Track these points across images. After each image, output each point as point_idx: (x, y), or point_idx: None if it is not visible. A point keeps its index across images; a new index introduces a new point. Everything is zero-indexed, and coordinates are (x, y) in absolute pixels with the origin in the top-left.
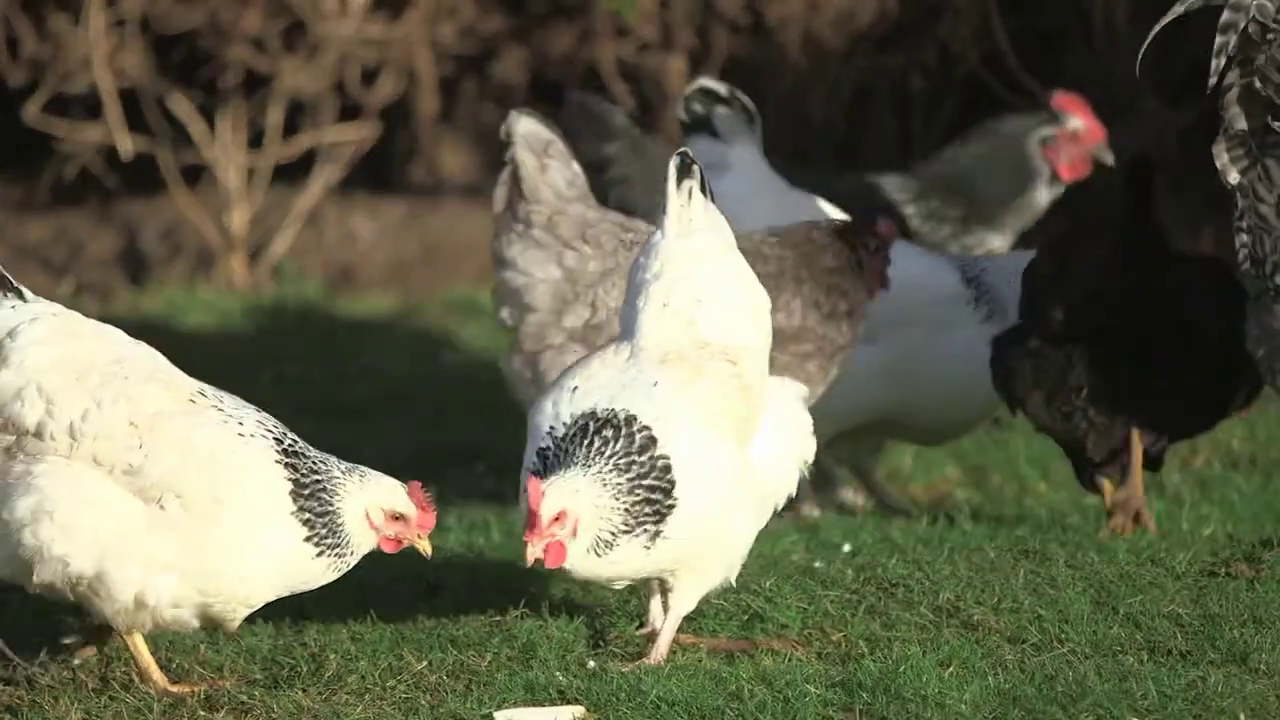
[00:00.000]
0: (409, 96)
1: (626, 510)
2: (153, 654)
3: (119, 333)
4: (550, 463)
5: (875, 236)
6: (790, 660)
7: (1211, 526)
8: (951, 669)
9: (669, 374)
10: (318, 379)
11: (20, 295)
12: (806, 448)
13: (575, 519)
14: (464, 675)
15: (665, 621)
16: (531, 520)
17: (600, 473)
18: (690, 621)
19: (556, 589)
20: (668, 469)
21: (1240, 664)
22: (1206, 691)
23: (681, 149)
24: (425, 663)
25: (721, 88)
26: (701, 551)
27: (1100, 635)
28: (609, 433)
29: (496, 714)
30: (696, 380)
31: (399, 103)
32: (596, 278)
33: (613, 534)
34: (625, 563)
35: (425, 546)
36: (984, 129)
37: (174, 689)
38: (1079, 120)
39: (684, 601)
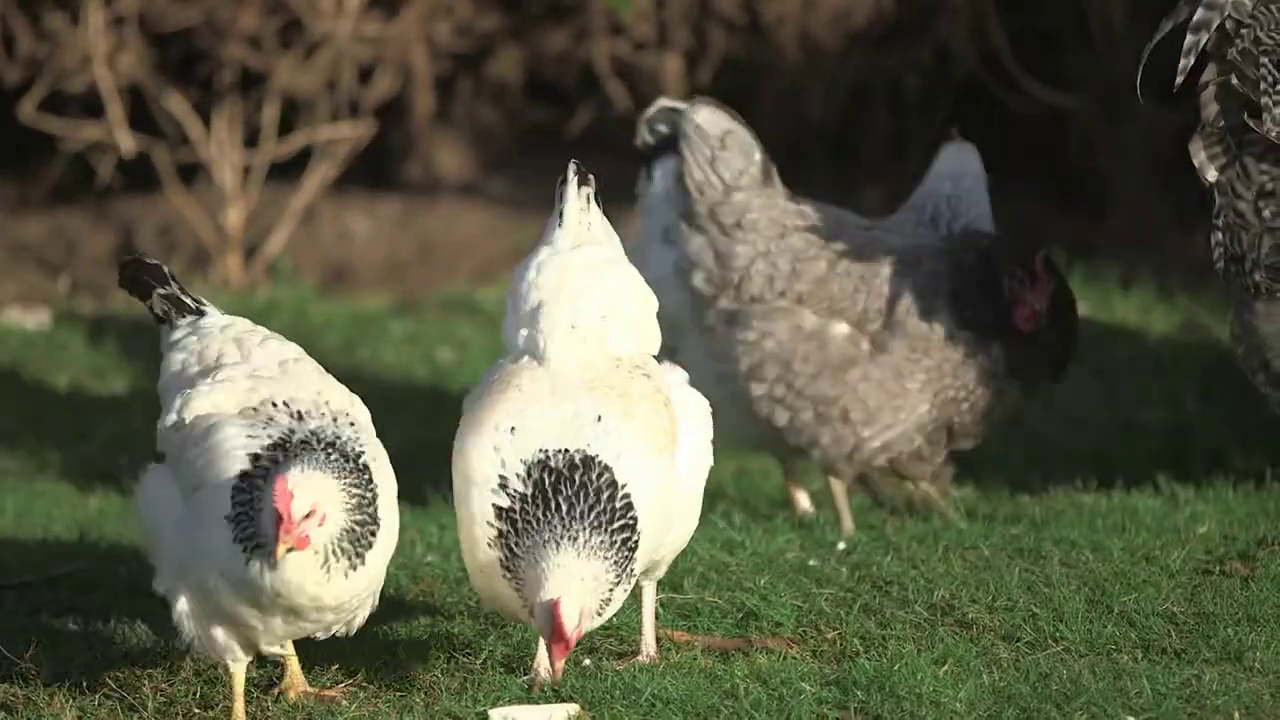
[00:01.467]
0: (405, 95)
1: (616, 567)
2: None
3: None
4: (519, 525)
5: (1024, 270)
6: (785, 658)
7: (1206, 525)
8: (946, 667)
9: (606, 406)
10: None
11: (201, 311)
12: (709, 429)
13: (582, 611)
14: (458, 674)
15: (644, 618)
16: (559, 638)
17: (589, 545)
18: (685, 620)
19: None
20: (631, 507)
21: (1235, 662)
22: (1201, 690)
23: (573, 159)
24: (420, 662)
25: (680, 104)
26: (661, 562)
27: (1095, 634)
28: (577, 488)
29: (491, 712)
30: (634, 410)
31: (395, 101)
32: (747, 263)
33: (609, 592)
34: (616, 605)
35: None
36: None
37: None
38: None
39: (650, 599)
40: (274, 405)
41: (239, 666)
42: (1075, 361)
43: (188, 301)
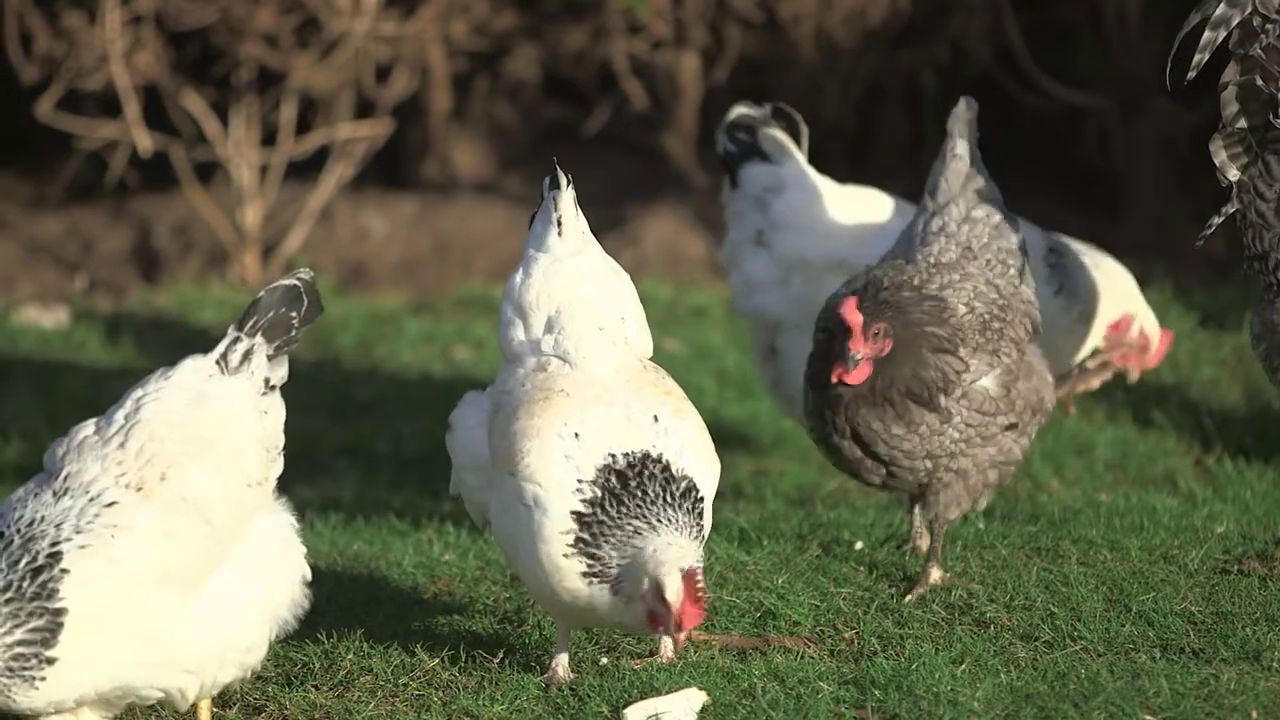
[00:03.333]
0: (421, 93)
1: (699, 552)
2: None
3: None
4: (597, 528)
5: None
6: (803, 658)
7: (1224, 524)
8: (964, 666)
9: (657, 405)
10: (329, 376)
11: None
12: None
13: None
14: (476, 672)
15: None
16: (695, 602)
17: (682, 525)
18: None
19: None
20: (700, 498)
21: (1253, 662)
22: (1219, 689)
23: (555, 159)
24: (437, 660)
25: (756, 110)
26: None
27: (1113, 633)
28: (649, 480)
29: (626, 712)
30: (683, 408)
31: (411, 100)
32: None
33: None
34: None
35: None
36: None
37: None
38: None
39: None
40: None
41: None
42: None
43: None
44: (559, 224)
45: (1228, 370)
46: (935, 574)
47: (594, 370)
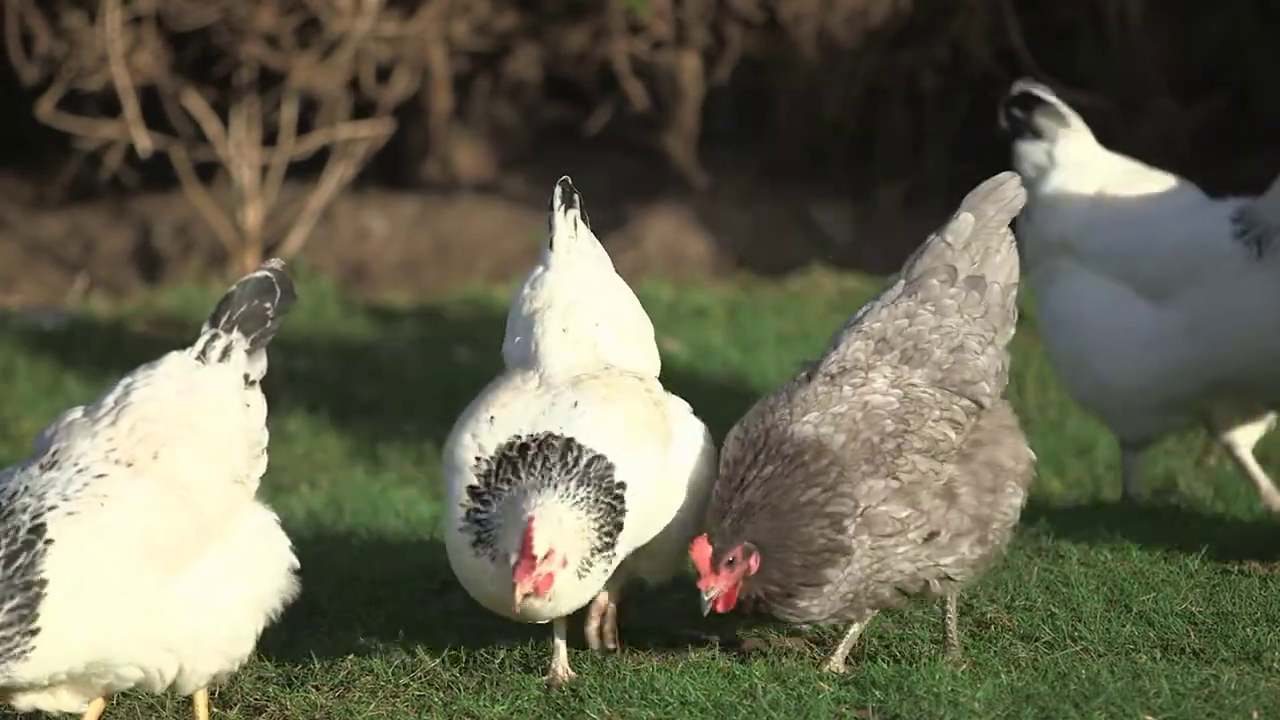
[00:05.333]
0: (422, 93)
1: (599, 530)
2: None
3: None
4: (489, 497)
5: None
6: (804, 659)
7: (1224, 524)
8: (964, 667)
9: (586, 393)
10: (331, 376)
11: None
12: (704, 444)
13: (564, 553)
14: (477, 673)
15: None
16: (524, 553)
17: (571, 494)
18: (705, 621)
19: None
20: (613, 476)
21: (1253, 662)
22: (1219, 690)
23: (563, 177)
24: (438, 660)
25: (1043, 91)
26: (657, 558)
27: (1113, 633)
28: (550, 455)
29: None
30: (615, 396)
31: (412, 100)
32: None
33: (591, 555)
34: (595, 580)
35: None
36: None
37: None
38: None
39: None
40: None
41: None
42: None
43: None
44: (551, 243)
45: None
46: (956, 652)
47: (547, 366)
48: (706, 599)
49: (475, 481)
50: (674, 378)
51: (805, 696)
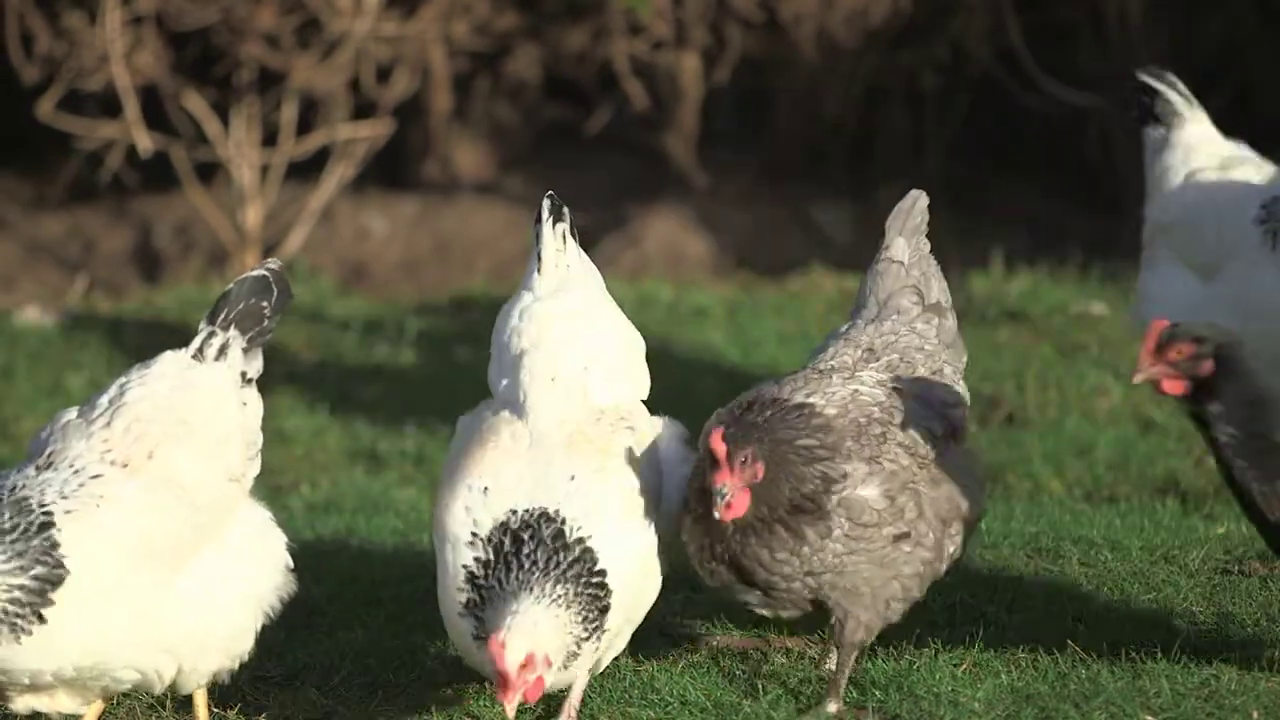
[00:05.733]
0: (422, 94)
1: (583, 621)
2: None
3: None
4: (485, 593)
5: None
6: (803, 658)
7: (1225, 524)
8: (965, 667)
9: (581, 462)
10: (331, 376)
11: None
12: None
13: (544, 655)
14: (476, 673)
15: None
16: (500, 675)
17: (549, 594)
18: (704, 620)
19: None
20: (596, 562)
21: (1253, 662)
22: (1220, 689)
23: (549, 192)
24: (438, 660)
25: (1157, 80)
26: (627, 622)
27: (1113, 633)
28: (539, 549)
29: None
30: (609, 466)
31: (412, 100)
32: None
33: (577, 644)
34: (585, 661)
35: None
36: None
37: None
38: None
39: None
40: None
41: None
42: None
43: None
44: (539, 260)
45: None
46: (833, 706)
47: (535, 420)
48: (722, 496)
49: (473, 567)
50: (674, 377)
51: (805, 696)
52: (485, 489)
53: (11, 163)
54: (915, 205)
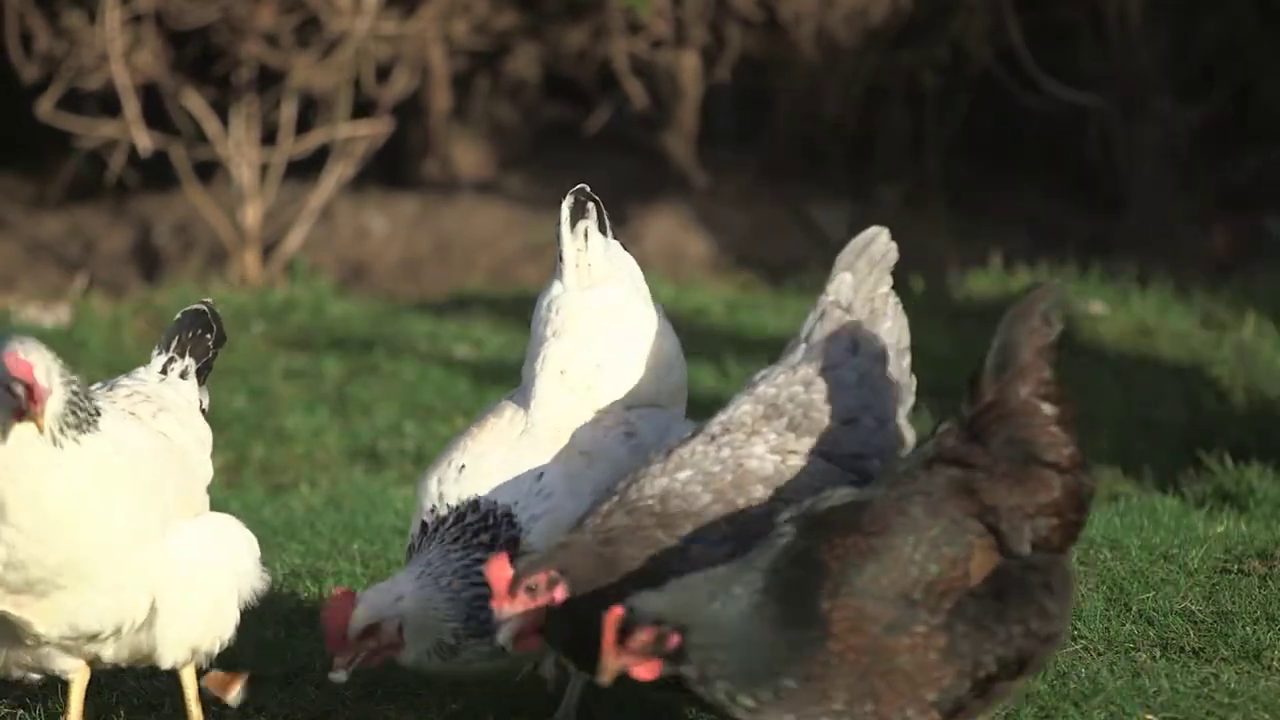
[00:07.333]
0: (422, 93)
1: (458, 614)
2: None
3: None
4: (412, 549)
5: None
6: None
7: (1224, 523)
8: None
9: (554, 466)
10: (331, 374)
11: None
12: None
13: (394, 629)
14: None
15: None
16: (329, 633)
17: (433, 572)
18: None
19: None
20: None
21: (1253, 661)
22: (1219, 688)
23: (578, 185)
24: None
25: None
26: None
27: (1113, 632)
28: (464, 528)
29: None
30: (586, 471)
31: (412, 99)
32: None
33: (454, 637)
34: (465, 656)
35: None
36: None
37: None
38: None
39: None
40: None
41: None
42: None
43: None
44: (561, 259)
45: (1228, 370)
46: None
47: (536, 410)
48: (504, 624)
49: (414, 538)
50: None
51: None
52: (462, 468)
53: (11, 162)
54: (872, 243)
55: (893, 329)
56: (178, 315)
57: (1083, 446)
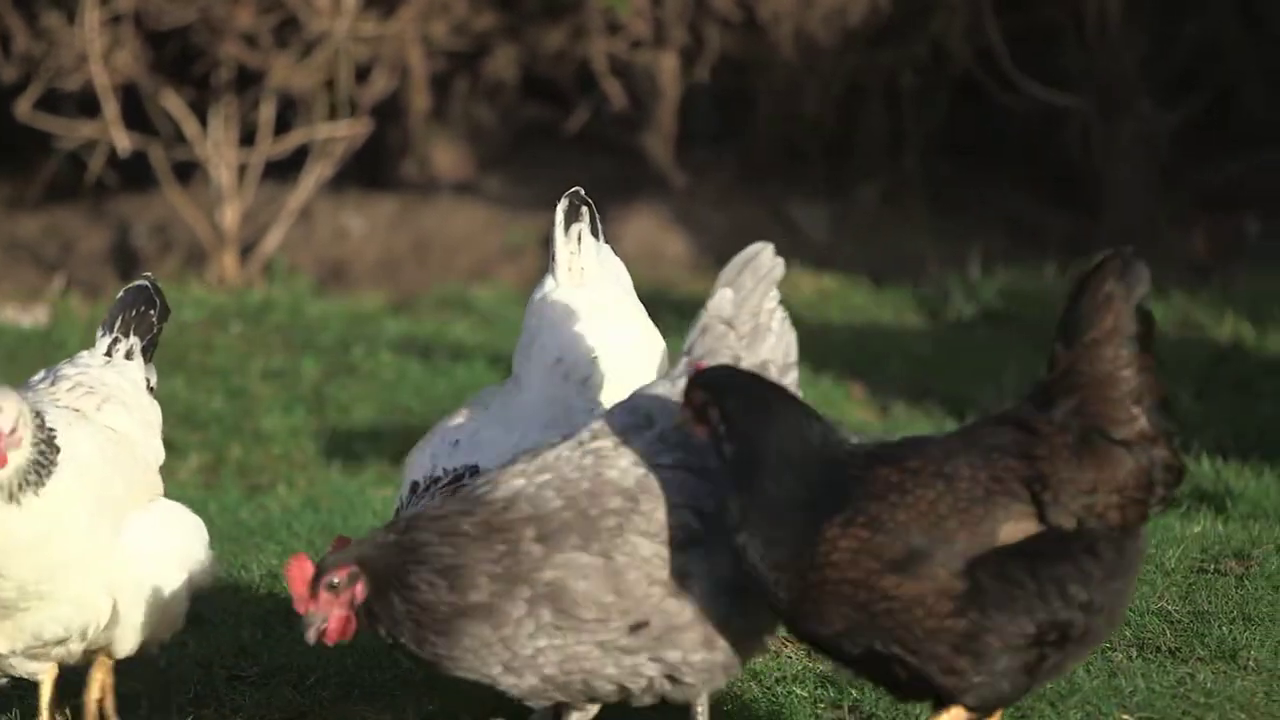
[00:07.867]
0: (401, 93)
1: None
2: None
3: None
4: (399, 512)
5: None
6: (780, 657)
7: (1201, 523)
8: None
9: (533, 452)
10: (309, 375)
11: None
12: None
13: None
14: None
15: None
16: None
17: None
18: None
19: None
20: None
21: (1229, 661)
22: (1195, 688)
23: (573, 189)
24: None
25: None
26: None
27: None
28: (441, 492)
29: None
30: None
31: (391, 99)
32: None
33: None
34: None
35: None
36: None
37: None
38: None
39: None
40: None
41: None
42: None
43: None
44: (553, 259)
45: (1206, 369)
46: None
47: (529, 393)
48: (310, 625)
49: (402, 499)
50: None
51: (781, 696)
52: (457, 441)
53: None
54: (756, 258)
55: (777, 345)
56: (119, 293)
57: (1165, 423)
